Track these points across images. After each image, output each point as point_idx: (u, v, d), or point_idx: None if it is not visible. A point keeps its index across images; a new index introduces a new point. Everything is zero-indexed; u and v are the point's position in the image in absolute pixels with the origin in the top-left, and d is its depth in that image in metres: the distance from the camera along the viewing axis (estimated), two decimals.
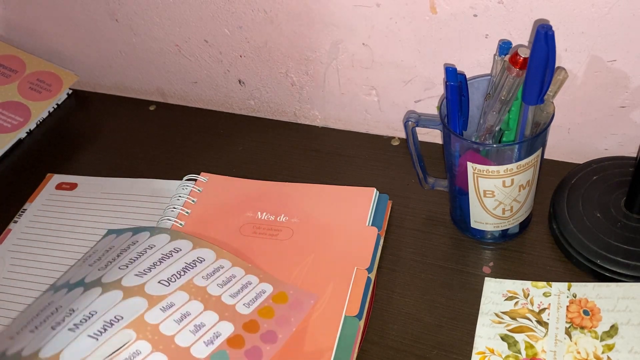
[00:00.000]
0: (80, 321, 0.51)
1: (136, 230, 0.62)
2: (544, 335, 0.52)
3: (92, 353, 0.48)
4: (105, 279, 0.55)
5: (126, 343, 0.49)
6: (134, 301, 0.52)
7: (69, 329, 0.50)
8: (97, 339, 0.49)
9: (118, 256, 0.58)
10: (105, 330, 0.50)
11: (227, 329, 0.52)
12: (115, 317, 0.51)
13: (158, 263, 0.56)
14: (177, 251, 0.58)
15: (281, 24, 0.70)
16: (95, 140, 0.83)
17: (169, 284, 0.54)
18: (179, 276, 0.55)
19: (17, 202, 0.73)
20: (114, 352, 0.48)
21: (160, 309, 0.52)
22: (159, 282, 0.54)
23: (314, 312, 0.55)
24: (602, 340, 0.51)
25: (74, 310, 0.52)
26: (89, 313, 0.51)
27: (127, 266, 0.56)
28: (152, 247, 0.58)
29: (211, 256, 0.58)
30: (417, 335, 0.55)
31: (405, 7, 0.62)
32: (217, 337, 0.52)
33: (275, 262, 0.59)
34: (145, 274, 0.55)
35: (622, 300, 0.53)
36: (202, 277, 0.56)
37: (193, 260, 0.57)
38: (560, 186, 0.62)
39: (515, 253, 0.60)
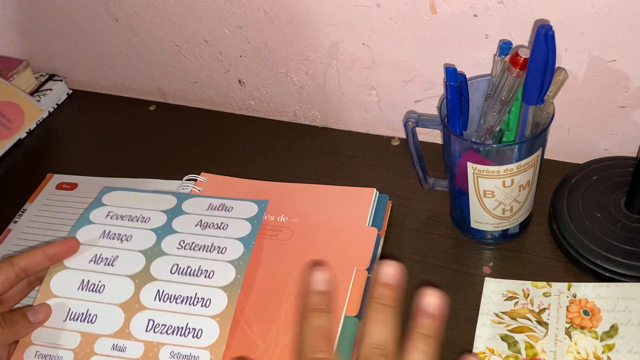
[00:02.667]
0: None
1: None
2: (544, 336, 0.52)
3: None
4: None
5: None
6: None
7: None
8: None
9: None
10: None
11: None
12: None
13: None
14: None
15: (281, 24, 0.70)
16: (95, 140, 0.83)
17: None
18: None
19: (17, 202, 0.73)
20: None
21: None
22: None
23: None
24: (602, 340, 0.51)
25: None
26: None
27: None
28: None
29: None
30: None
31: (405, 7, 0.62)
32: None
33: (275, 262, 0.59)
34: None
35: (622, 300, 0.53)
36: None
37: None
38: (560, 186, 0.62)
39: (515, 253, 0.60)
